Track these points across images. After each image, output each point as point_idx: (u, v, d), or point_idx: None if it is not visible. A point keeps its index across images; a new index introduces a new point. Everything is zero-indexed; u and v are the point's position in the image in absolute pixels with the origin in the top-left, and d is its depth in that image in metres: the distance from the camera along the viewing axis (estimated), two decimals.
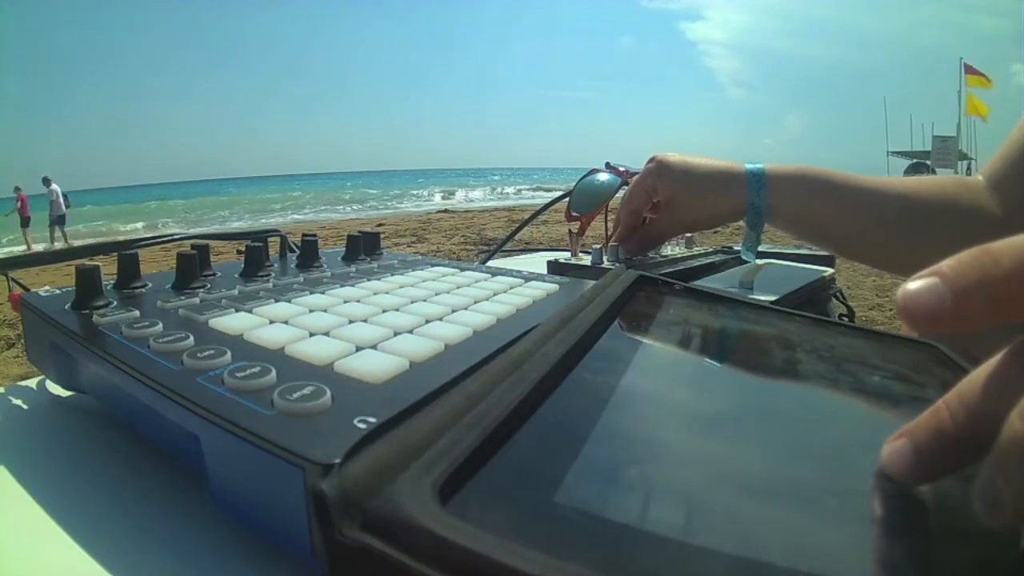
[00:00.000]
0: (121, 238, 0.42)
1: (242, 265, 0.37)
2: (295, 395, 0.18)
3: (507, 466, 0.17)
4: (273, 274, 0.36)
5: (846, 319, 0.57)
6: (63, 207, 8.47)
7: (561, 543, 0.14)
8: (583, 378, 0.23)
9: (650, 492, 0.17)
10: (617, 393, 0.22)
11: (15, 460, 0.24)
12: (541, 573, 0.12)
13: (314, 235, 0.41)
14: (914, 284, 0.15)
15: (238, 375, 0.19)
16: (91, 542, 0.19)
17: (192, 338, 0.23)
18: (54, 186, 8.42)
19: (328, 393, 0.18)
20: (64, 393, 0.30)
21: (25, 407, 0.29)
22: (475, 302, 0.31)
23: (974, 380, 0.15)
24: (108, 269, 0.30)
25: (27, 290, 0.32)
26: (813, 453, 0.21)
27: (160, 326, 0.24)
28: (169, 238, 0.47)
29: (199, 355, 0.21)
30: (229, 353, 0.21)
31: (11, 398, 0.30)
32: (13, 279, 0.36)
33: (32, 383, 0.32)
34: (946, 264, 0.15)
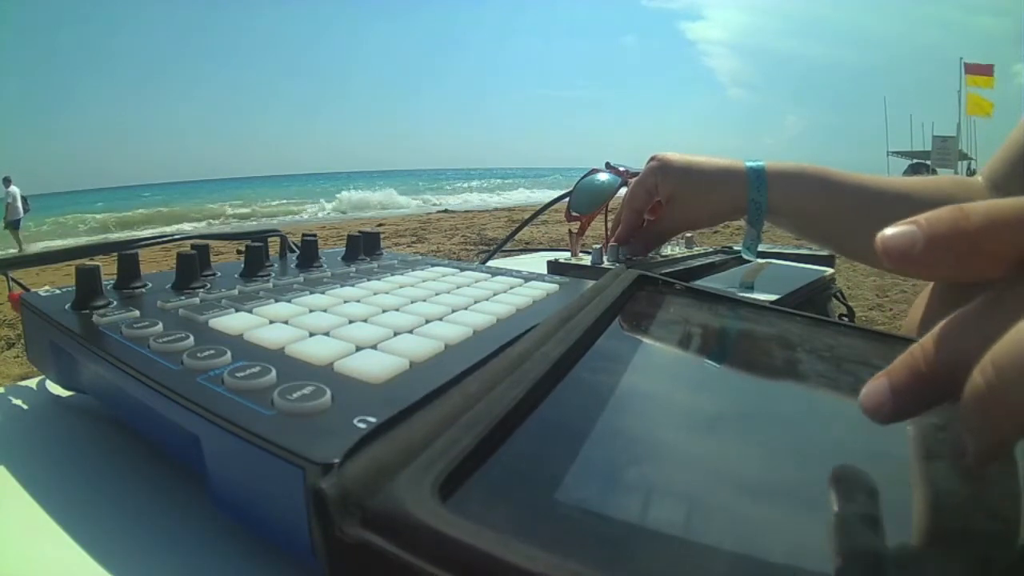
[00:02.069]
0: (122, 238, 0.42)
1: (242, 265, 0.37)
2: (295, 395, 0.18)
3: (507, 464, 0.17)
4: (273, 274, 0.36)
5: (846, 319, 0.57)
6: (20, 211, 8.24)
7: (561, 540, 0.14)
8: (583, 378, 0.23)
9: (650, 491, 0.17)
10: (617, 393, 0.22)
11: (15, 460, 0.24)
12: (541, 571, 0.12)
13: (314, 235, 0.41)
14: (892, 228, 0.16)
15: (238, 375, 0.19)
16: (91, 542, 0.19)
17: (192, 338, 0.23)
18: (12, 188, 8.02)
19: (328, 393, 0.18)
20: (64, 393, 0.30)
21: (25, 407, 0.29)
22: (475, 302, 0.31)
23: (950, 323, 0.16)
24: (108, 269, 0.30)
25: (27, 290, 0.32)
26: (813, 453, 0.21)
27: (160, 326, 0.24)
28: (169, 238, 0.47)
29: (199, 355, 0.21)
30: (229, 353, 0.21)
31: (11, 398, 0.30)
32: (13, 279, 0.36)
33: (32, 383, 0.32)
34: (923, 215, 0.16)
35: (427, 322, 0.27)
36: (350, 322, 0.26)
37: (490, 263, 0.55)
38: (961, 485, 0.19)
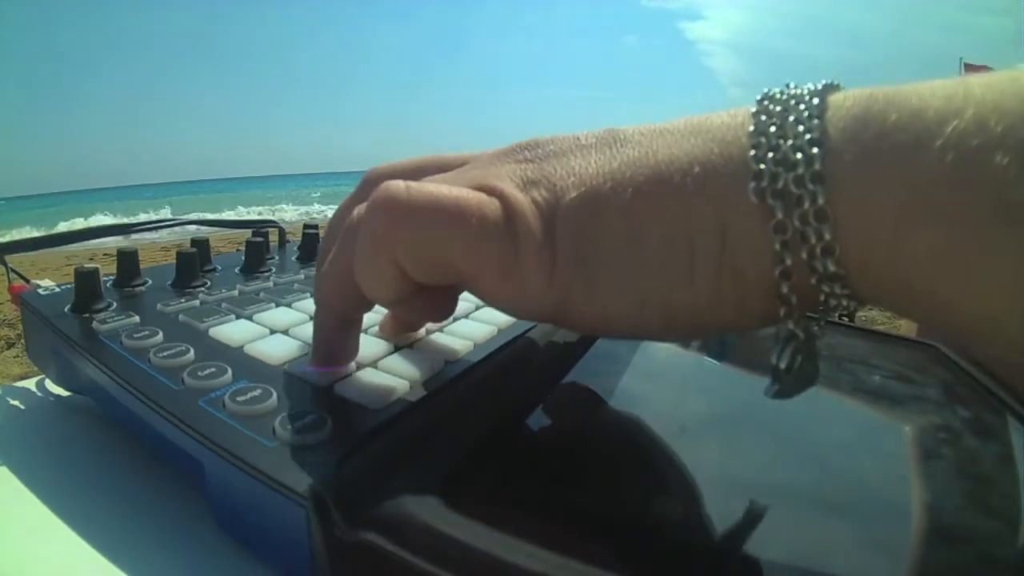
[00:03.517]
0: (120, 222, 0.41)
1: (243, 259, 0.36)
2: (296, 424, 0.18)
3: (507, 463, 0.17)
4: (274, 270, 0.36)
5: (846, 319, 0.57)
6: None
7: (561, 540, 0.14)
8: (582, 379, 0.23)
9: (652, 490, 0.17)
10: (617, 393, 0.23)
11: (15, 460, 0.24)
12: (542, 569, 0.12)
13: (315, 226, 0.41)
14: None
15: (239, 399, 0.19)
16: (91, 542, 0.19)
17: (192, 352, 0.23)
18: None
19: (329, 423, 0.18)
20: (64, 393, 0.30)
21: (25, 407, 0.29)
22: (476, 308, 0.30)
23: None
24: (108, 270, 0.30)
25: (26, 280, 0.31)
26: (812, 453, 0.21)
27: (160, 336, 0.24)
28: (166, 223, 0.46)
29: (200, 373, 0.21)
30: (230, 371, 0.21)
31: (11, 398, 0.30)
32: (12, 268, 0.36)
33: (32, 383, 0.32)
34: None
35: (428, 333, 0.26)
36: None
37: None
38: (961, 484, 0.19)
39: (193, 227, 0.50)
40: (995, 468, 0.21)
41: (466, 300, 0.32)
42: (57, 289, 0.30)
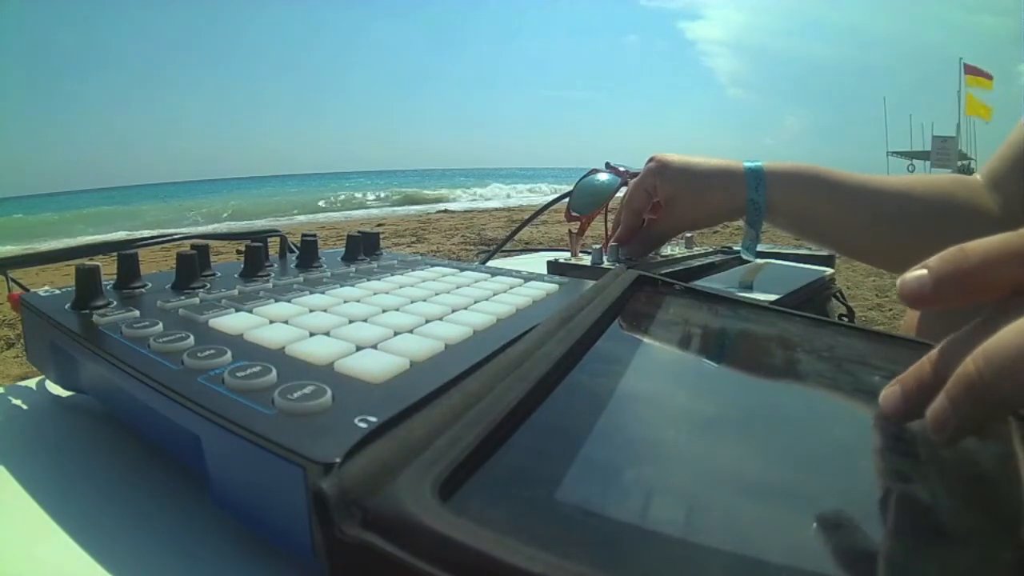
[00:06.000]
0: (122, 238, 0.42)
1: (242, 265, 0.37)
2: (296, 394, 0.18)
3: (507, 464, 0.17)
4: (273, 274, 0.36)
5: (846, 319, 0.57)
6: None
7: (561, 540, 0.14)
8: (583, 378, 0.23)
9: (650, 491, 0.17)
10: (617, 393, 0.22)
11: (15, 460, 0.24)
12: (541, 571, 0.12)
13: (314, 235, 0.41)
14: (908, 274, 0.20)
15: (238, 375, 0.19)
16: (91, 542, 0.19)
17: (192, 338, 0.23)
18: None
19: (328, 392, 0.18)
20: (64, 393, 0.30)
21: (25, 407, 0.29)
22: (475, 302, 0.31)
23: (950, 341, 0.20)
24: (108, 270, 0.30)
25: (26, 290, 0.31)
26: (813, 453, 0.21)
27: (160, 326, 0.24)
28: (169, 238, 0.47)
29: (199, 355, 0.21)
30: (229, 353, 0.21)
31: (11, 398, 0.30)
32: (13, 279, 0.36)
33: (32, 383, 0.32)
34: (932, 259, 0.20)
35: (427, 322, 0.27)
36: (350, 322, 0.26)
37: (490, 263, 0.55)
38: (960, 483, 0.19)
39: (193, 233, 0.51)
40: (995, 468, 0.21)
41: (461, 295, 0.32)
42: (57, 291, 0.30)
